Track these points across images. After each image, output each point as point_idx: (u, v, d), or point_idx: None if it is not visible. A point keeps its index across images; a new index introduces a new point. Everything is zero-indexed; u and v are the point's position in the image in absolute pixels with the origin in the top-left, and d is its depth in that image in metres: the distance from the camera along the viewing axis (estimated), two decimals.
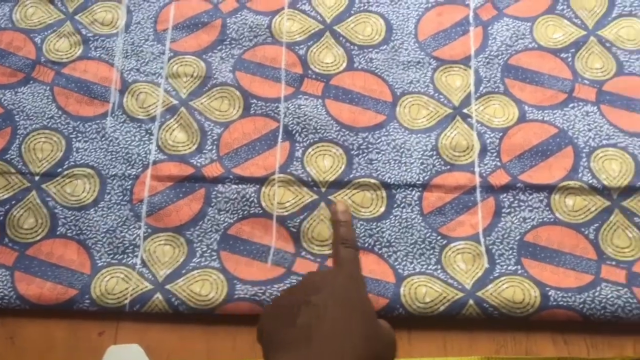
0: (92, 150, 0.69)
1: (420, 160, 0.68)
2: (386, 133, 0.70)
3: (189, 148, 0.69)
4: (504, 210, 0.66)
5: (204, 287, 0.63)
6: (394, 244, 0.65)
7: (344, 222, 0.52)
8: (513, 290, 0.62)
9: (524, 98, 0.71)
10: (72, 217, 0.66)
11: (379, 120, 0.70)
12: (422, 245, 0.65)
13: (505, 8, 0.76)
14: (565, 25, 0.75)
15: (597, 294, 0.62)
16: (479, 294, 0.62)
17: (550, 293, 0.62)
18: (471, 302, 0.62)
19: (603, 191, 0.67)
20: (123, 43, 0.74)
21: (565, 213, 0.66)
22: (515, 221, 0.66)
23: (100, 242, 0.65)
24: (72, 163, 0.68)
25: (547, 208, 0.66)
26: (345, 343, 0.40)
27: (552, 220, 0.66)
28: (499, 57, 0.73)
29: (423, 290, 0.63)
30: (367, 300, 0.47)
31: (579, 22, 0.75)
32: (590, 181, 0.67)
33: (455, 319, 0.63)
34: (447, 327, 0.63)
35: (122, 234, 0.65)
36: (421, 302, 0.62)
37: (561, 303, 0.62)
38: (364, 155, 0.69)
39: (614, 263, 0.64)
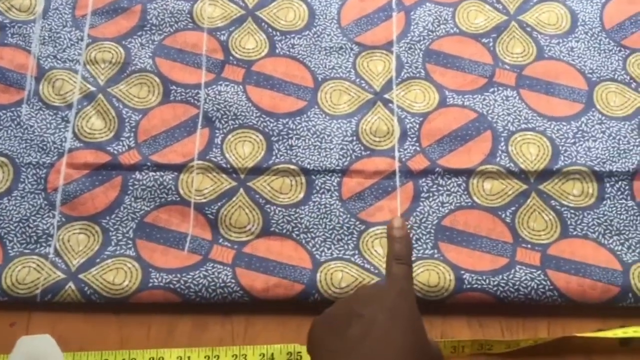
0: (7, 138, 0.68)
1: (340, 146, 0.68)
2: (307, 119, 0.69)
3: (106, 135, 0.68)
4: (422, 194, 0.66)
5: (117, 275, 0.62)
6: (312, 229, 0.65)
7: (399, 237, 0.51)
8: (428, 274, 0.62)
9: (444, 83, 0.71)
10: None
11: (300, 106, 0.70)
12: (341, 231, 0.65)
13: None
14: (487, 11, 0.75)
15: (511, 276, 0.62)
16: None
17: (465, 276, 0.62)
18: None
19: (520, 175, 0.67)
20: (40, 29, 0.72)
21: (482, 197, 0.66)
22: (433, 205, 0.66)
23: (13, 232, 0.64)
24: None
25: (465, 192, 0.67)
26: (391, 357, 0.41)
27: (469, 204, 0.66)
28: (421, 43, 0.73)
29: (339, 276, 0.63)
30: (417, 317, 0.46)
31: (501, 7, 0.75)
32: (508, 165, 0.67)
33: None
34: None
35: (35, 223, 0.64)
36: (337, 288, 0.62)
37: (475, 286, 0.62)
38: (284, 141, 0.68)
39: (529, 246, 0.64)
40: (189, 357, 0.59)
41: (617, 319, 0.62)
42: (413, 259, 0.62)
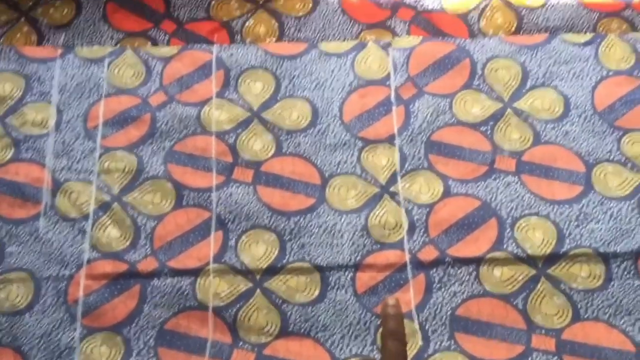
0: (25, 253, 0.69)
1: (351, 241, 0.70)
2: (317, 216, 0.72)
3: (123, 244, 0.70)
4: (434, 285, 0.68)
5: None
6: (329, 327, 0.66)
7: (393, 315, 0.52)
8: None
9: (447, 172, 0.74)
10: (6, 324, 0.66)
11: (310, 204, 0.72)
12: (358, 327, 0.66)
13: (425, 86, 0.79)
14: (482, 100, 0.78)
15: None
16: None
17: None
18: None
19: (528, 260, 0.69)
20: (54, 143, 0.75)
21: (493, 284, 0.68)
22: (446, 296, 0.68)
23: (37, 347, 0.65)
24: (6, 267, 0.68)
25: (476, 280, 0.68)
26: None
27: (481, 292, 0.68)
28: (422, 134, 0.76)
29: None
30: None
31: (495, 95, 0.78)
32: (516, 251, 0.69)
33: None
34: None
35: (58, 337, 0.65)
36: None
37: None
38: (296, 239, 0.70)
39: (543, 332, 0.66)
40: None
41: None
42: (431, 351, 0.63)
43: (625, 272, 0.68)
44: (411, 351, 0.65)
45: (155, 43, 0.82)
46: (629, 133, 0.76)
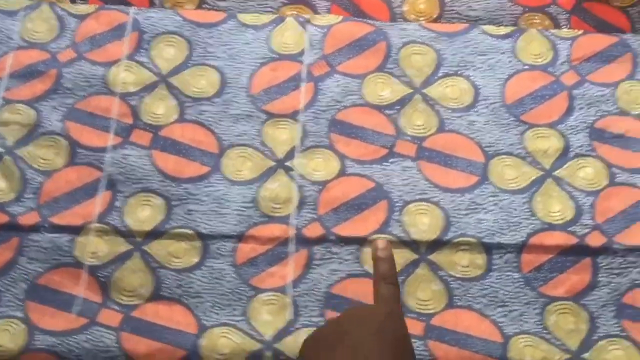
0: None
1: (239, 212, 0.70)
2: (208, 184, 0.71)
3: (8, 197, 0.69)
4: (314, 262, 0.68)
5: (2, 337, 0.62)
6: (202, 294, 0.66)
7: (384, 258, 0.52)
8: None
9: (346, 152, 0.74)
10: None
11: (203, 172, 0.72)
12: (231, 297, 0.66)
13: (338, 65, 0.78)
14: (393, 83, 0.78)
15: None
16: (277, 345, 0.63)
17: None
18: (268, 353, 0.63)
19: (412, 244, 0.69)
20: None
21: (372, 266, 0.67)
22: (324, 273, 0.67)
23: None
24: None
25: (357, 260, 0.68)
26: None
27: (360, 272, 0.67)
28: (327, 112, 0.76)
29: (223, 342, 0.63)
30: (405, 339, 0.46)
31: (407, 80, 0.78)
32: (400, 235, 0.69)
33: None
34: None
35: None
36: (219, 354, 0.63)
37: None
38: (184, 206, 0.70)
39: (414, 316, 0.65)
40: None
41: None
42: (299, 325, 0.62)
43: (506, 264, 0.68)
44: (279, 324, 0.64)
45: (73, 0, 0.81)
46: (533, 128, 0.75)
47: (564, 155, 0.73)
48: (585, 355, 0.64)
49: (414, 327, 0.64)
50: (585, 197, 0.71)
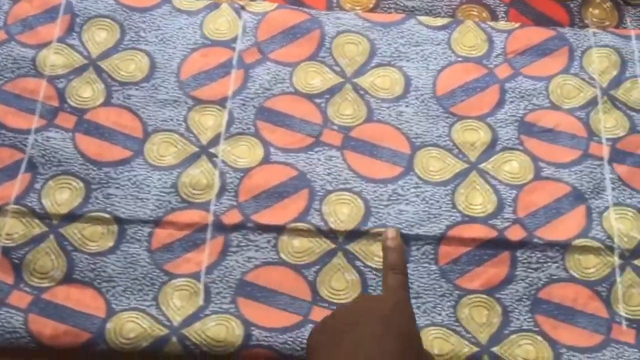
0: None
1: (158, 197, 0.69)
2: (130, 169, 0.71)
3: None
4: (231, 249, 0.68)
5: None
6: (115, 279, 0.66)
7: (393, 248, 0.52)
8: (218, 329, 0.63)
9: (272, 140, 0.73)
10: None
11: (125, 156, 0.72)
12: (143, 282, 0.66)
13: (270, 52, 0.78)
14: (325, 72, 0.77)
15: (299, 334, 0.63)
16: (184, 331, 0.63)
17: (254, 332, 0.63)
18: (174, 339, 0.63)
19: (329, 234, 0.68)
20: None
21: (290, 254, 0.67)
22: (240, 260, 0.67)
23: None
24: None
25: (274, 249, 0.68)
26: None
27: (276, 260, 0.67)
28: (255, 100, 0.75)
29: (130, 326, 0.63)
30: (413, 329, 0.47)
31: (339, 69, 0.77)
32: (319, 224, 0.68)
33: (157, 356, 0.63)
34: None
35: None
36: (125, 338, 0.63)
37: (262, 343, 0.63)
38: (103, 190, 0.70)
39: (326, 305, 0.65)
40: None
41: None
42: (208, 311, 0.62)
43: (424, 256, 0.67)
44: (189, 310, 0.64)
45: None
46: (462, 120, 0.75)
47: (491, 148, 0.73)
48: (495, 348, 0.63)
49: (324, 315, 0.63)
50: (509, 190, 0.70)
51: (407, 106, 0.75)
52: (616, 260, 0.68)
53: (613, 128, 0.74)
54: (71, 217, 0.69)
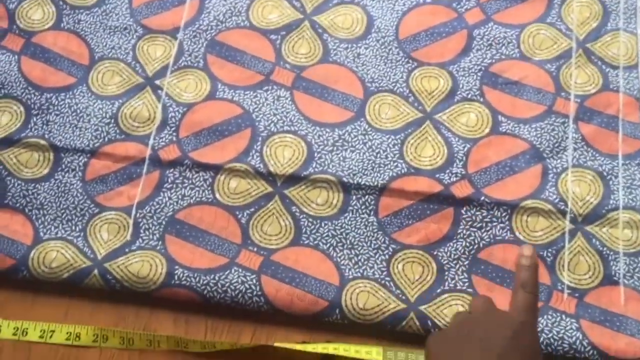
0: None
1: (96, 127, 0.68)
2: (72, 96, 0.69)
3: None
4: (166, 185, 0.66)
5: None
6: (46, 207, 0.65)
7: (527, 266, 0.50)
8: (141, 265, 0.62)
9: (220, 76, 0.70)
10: None
11: (69, 82, 0.70)
12: (73, 212, 0.65)
13: None
14: (283, 7, 0.74)
15: (224, 277, 0.62)
16: (107, 265, 0.62)
17: (177, 272, 0.62)
18: (96, 272, 0.62)
19: (268, 177, 0.66)
20: None
21: (225, 195, 0.65)
22: (173, 197, 0.65)
23: None
24: None
25: (210, 188, 0.66)
26: None
27: (210, 200, 0.65)
28: (207, 32, 0.72)
29: (53, 255, 0.62)
30: (537, 350, 0.46)
31: (299, 5, 0.74)
32: (258, 165, 0.66)
33: (79, 288, 0.62)
34: (72, 295, 0.62)
35: None
36: (47, 267, 0.63)
37: (184, 283, 0.61)
38: (43, 115, 0.68)
39: (255, 249, 0.63)
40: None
41: (324, 332, 0.61)
42: (134, 247, 0.61)
43: (363, 207, 0.64)
44: (115, 244, 0.63)
45: None
46: (423, 67, 0.71)
47: (449, 98, 0.69)
48: (422, 307, 0.61)
49: (251, 260, 0.62)
50: (462, 144, 0.67)
51: (366, 48, 0.71)
52: (567, 224, 0.64)
53: (584, 84, 0.69)
54: (8, 141, 0.67)
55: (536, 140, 0.66)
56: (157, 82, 0.70)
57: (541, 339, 0.59)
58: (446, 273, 0.62)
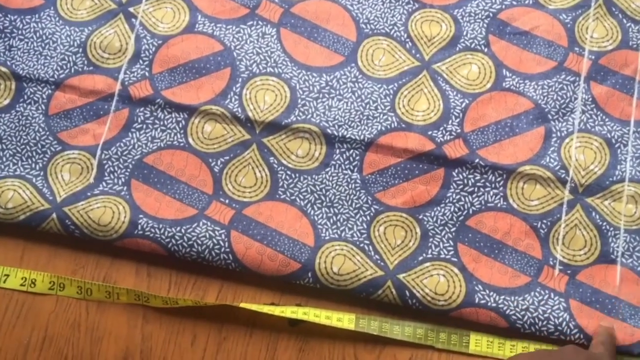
0: None
1: (63, 56, 0.62)
2: (38, 19, 0.63)
3: None
4: (135, 125, 0.60)
5: None
6: (5, 141, 0.60)
7: (608, 338, 0.54)
8: (103, 211, 0.57)
9: (201, 6, 0.64)
10: None
11: (35, 4, 0.64)
12: (34, 148, 0.60)
13: None
14: None
15: (190, 229, 0.58)
16: (67, 209, 0.58)
17: (140, 221, 0.58)
18: (54, 216, 0.58)
19: (246, 123, 0.60)
20: None
21: (199, 140, 0.60)
22: (142, 139, 0.60)
23: None
24: None
25: (182, 131, 0.60)
26: None
27: (182, 145, 0.60)
28: None
29: (9, 195, 0.58)
30: None
31: None
32: (235, 110, 0.60)
33: (36, 231, 0.58)
34: (29, 238, 0.58)
35: None
36: (3, 208, 0.58)
37: (147, 233, 0.58)
38: (6, 40, 0.62)
39: (226, 201, 0.59)
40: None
41: (295, 295, 0.57)
42: (97, 191, 0.56)
43: (347, 162, 0.59)
44: (77, 186, 0.58)
45: None
46: (425, 9, 0.64)
47: (451, 46, 0.62)
48: (401, 275, 0.56)
49: (222, 214, 0.57)
50: (460, 99, 0.61)
51: None
52: (566, 194, 0.58)
53: (601, 39, 0.62)
54: None
55: (542, 100, 0.60)
56: (131, 9, 0.63)
57: (525, 318, 0.54)
58: (430, 240, 0.58)
